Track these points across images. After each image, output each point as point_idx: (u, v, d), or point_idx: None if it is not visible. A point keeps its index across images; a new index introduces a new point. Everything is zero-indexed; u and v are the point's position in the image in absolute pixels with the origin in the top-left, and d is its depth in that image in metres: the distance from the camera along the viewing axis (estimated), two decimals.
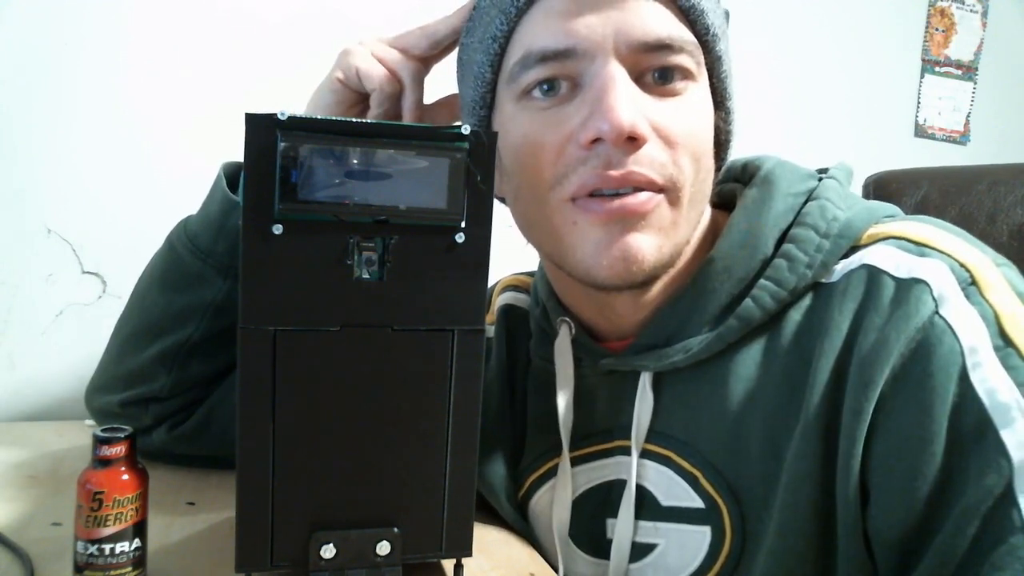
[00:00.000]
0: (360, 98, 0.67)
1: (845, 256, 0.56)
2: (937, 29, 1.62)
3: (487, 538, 0.66)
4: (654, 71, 0.55)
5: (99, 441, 0.50)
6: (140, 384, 0.71)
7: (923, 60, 1.63)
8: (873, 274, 0.53)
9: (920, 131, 1.63)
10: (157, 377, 0.70)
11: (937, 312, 0.50)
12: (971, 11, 1.64)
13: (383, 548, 0.50)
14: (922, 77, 1.63)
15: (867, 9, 1.55)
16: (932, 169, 1.04)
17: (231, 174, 0.71)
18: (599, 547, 0.65)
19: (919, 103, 1.63)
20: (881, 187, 1.01)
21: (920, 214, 0.97)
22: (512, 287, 0.79)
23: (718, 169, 0.62)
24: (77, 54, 1.01)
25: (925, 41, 1.62)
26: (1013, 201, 0.93)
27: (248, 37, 1.08)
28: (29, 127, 1.00)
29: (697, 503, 0.59)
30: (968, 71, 1.66)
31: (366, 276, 0.47)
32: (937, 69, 1.63)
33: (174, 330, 0.70)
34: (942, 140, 1.65)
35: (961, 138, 1.66)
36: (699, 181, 0.57)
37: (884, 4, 1.57)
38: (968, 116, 1.66)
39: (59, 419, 1.00)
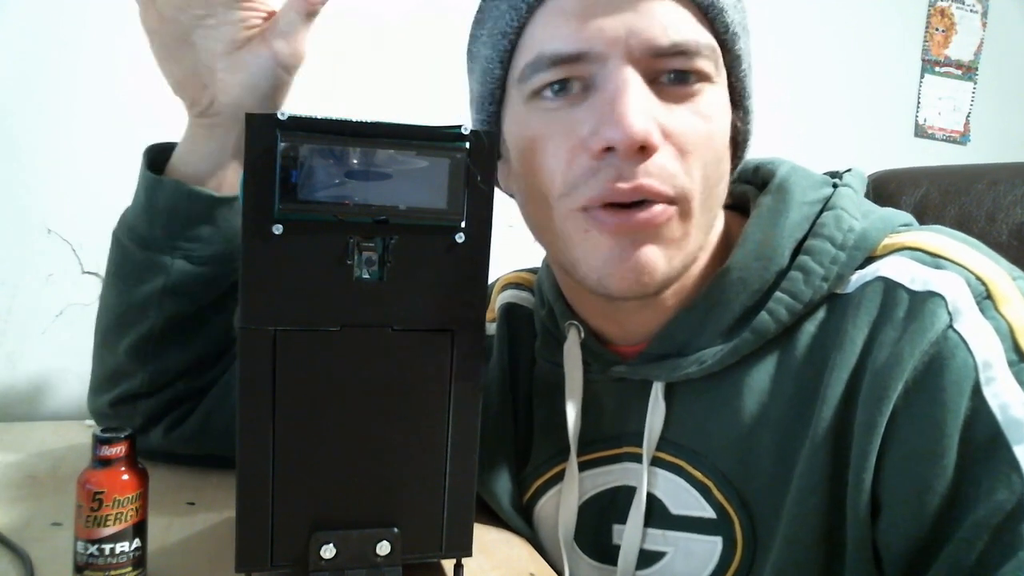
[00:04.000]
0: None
1: (861, 267, 0.56)
2: (937, 29, 1.62)
3: (487, 538, 0.66)
4: (669, 73, 0.53)
5: (99, 441, 0.50)
6: (122, 382, 0.71)
7: (923, 60, 1.63)
8: (889, 287, 0.53)
9: (920, 131, 1.63)
10: (135, 372, 0.70)
11: (951, 326, 0.50)
12: (971, 11, 1.64)
13: (383, 548, 0.50)
14: (922, 77, 1.63)
15: (867, 9, 1.55)
16: (932, 168, 1.03)
17: (153, 155, 0.70)
18: (604, 553, 0.65)
19: (919, 103, 1.63)
20: (881, 186, 1.01)
21: (920, 213, 0.97)
22: (513, 284, 0.78)
23: (734, 168, 0.61)
24: (77, 54, 1.01)
25: (925, 41, 1.62)
26: (1012, 200, 0.93)
27: None
28: (29, 127, 1.00)
29: (708, 513, 0.58)
30: (968, 71, 1.66)
31: (366, 276, 0.47)
32: (937, 69, 1.64)
33: (137, 322, 0.69)
34: (942, 140, 1.65)
35: (961, 138, 1.66)
36: (711, 187, 0.56)
37: (884, 4, 1.57)
38: (968, 116, 1.67)
39: (59, 419, 1.00)
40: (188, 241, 0.67)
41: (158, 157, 0.70)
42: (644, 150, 0.51)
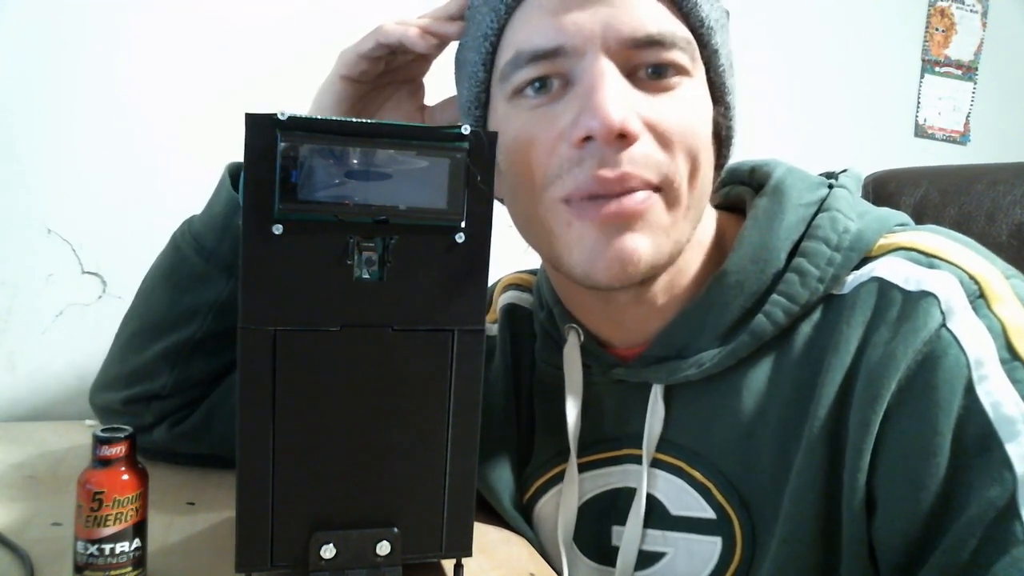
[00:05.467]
0: (364, 91, 0.67)
1: (856, 267, 0.56)
2: (937, 29, 1.62)
3: (487, 538, 0.66)
4: (647, 67, 0.54)
5: (99, 441, 0.50)
6: (143, 382, 0.71)
7: (923, 60, 1.63)
8: (883, 287, 0.53)
9: (920, 131, 1.63)
10: (160, 375, 0.71)
11: (944, 325, 0.50)
12: (971, 11, 1.64)
13: (383, 548, 0.50)
14: (922, 77, 1.63)
15: (867, 9, 1.55)
16: (931, 168, 1.03)
17: (236, 174, 0.70)
18: (604, 554, 0.65)
19: (919, 103, 1.63)
20: (881, 186, 1.01)
21: (919, 213, 0.97)
22: (514, 286, 0.78)
23: (720, 167, 0.61)
24: (77, 54, 1.01)
25: (925, 41, 1.62)
26: (1012, 200, 0.93)
27: (248, 37, 1.08)
28: (29, 127, 1.00)
29: (708, 513, 0.59)
30: (968, 71, 1.66)
31: (366, 276, 0.47)
32: (937, 69, 1.63)
33: (177, 329, 0.70)
34: (942, 140, 1.65)
35: (961, 138, 1.66)
36: (697, 179, 0.56)
37: (884, 4, 1.57)
38: (968, 116, 1.66)
39: (59, 419, 1.00)
40: None
41: (235, 171, 0.70)
42: (624, 138, 0.52)
